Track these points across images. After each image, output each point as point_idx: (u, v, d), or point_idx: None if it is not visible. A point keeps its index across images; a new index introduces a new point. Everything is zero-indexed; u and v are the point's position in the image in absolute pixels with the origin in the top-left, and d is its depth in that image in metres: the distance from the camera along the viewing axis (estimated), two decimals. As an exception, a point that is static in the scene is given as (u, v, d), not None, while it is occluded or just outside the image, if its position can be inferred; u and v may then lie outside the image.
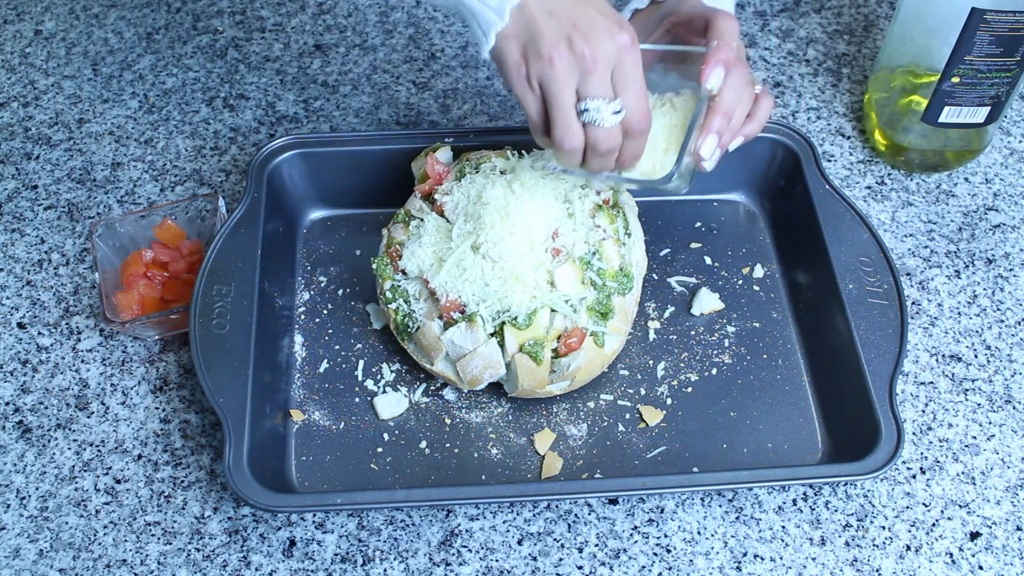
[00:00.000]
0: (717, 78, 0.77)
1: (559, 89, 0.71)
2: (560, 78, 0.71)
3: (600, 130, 0.72)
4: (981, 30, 0.90)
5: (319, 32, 1.21)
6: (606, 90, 0.72)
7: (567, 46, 0.70)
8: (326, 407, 0.88)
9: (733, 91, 0.78)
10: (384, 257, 0.88)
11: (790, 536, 0.82)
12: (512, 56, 0.72)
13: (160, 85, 1.15)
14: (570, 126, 0.73)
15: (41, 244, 1.01)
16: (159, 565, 0.80)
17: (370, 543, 0.81)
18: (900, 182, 1.06)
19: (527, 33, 0.71)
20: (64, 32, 1.21)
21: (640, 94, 0.73)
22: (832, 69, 1.17)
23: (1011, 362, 0.92)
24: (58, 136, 1.10)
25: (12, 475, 0.85)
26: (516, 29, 0.72)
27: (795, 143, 0.98)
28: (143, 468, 0.85)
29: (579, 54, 0.70)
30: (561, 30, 0.71)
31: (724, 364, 0.91)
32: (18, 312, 0.96)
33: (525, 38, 0.72)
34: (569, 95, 0.72)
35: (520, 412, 0.88)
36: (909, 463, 0.86)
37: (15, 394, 0.90)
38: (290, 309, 0.95)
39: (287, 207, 0.99)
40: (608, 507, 0.83)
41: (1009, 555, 0.81)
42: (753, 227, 1.01)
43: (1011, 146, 1.10)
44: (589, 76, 0.71)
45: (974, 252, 1.00)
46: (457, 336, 0.81)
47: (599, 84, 0.71)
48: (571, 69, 0.71)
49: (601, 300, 0.83)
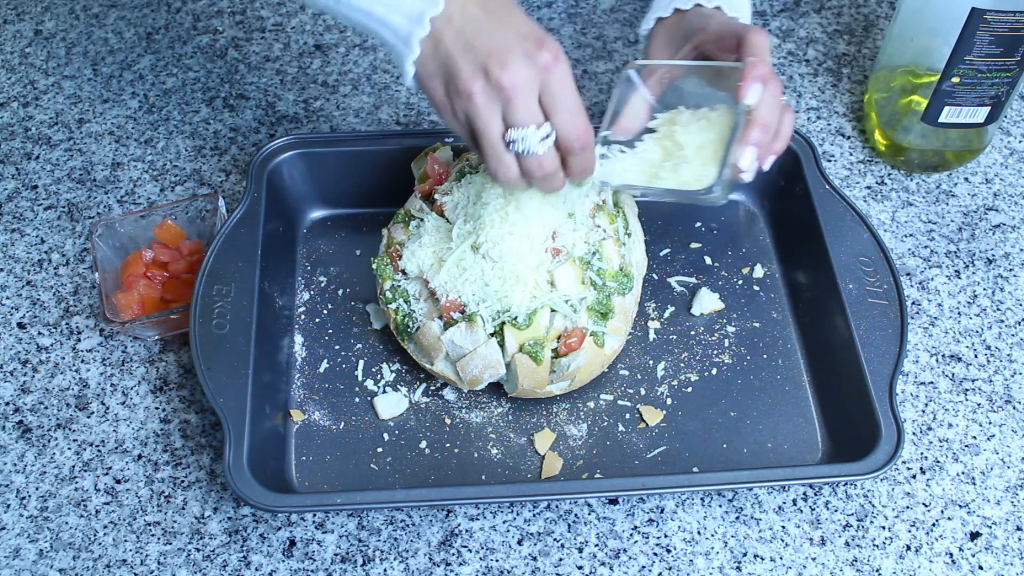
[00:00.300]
0: (755, 94, 0.77)
1: (483, 124, 0.70)
2: (483, 112, 0.70)
3: (532, 158, 0.72)
4: (981, 30, 0.90)
5: (319, 32, 1.21)
6: (532, 116, 0.70)
7: (484, 78, 0.69)
8: (326, 407, 0.88)
9: (768, 105, 0.78)
10: (384, 257, 0.88)
11: (790, 536, 0.82)
12: (436, 95, 0.72)
13: (160, 85, 1.15)
14: (501, 158, 0.72)
15: (41, 244, 1.01)
16: (159, 565, 0.80)
17: (370, 543, 0.81)
18: (900, 182, 1.06)
19: (445, 69, 0.71)
20: (64, 32, 1.21)
21: (572, 112, 0.71)
22: (832, 69, 1.17)
23: (1011, 362, 0.92)
24: (58, 136, 1.10)
25: (12, 475, 0.85)
26: (435, 66, 0.71)
27: (795, 143, 0.98)
28: (143, 468, 0.85)
29: (497, 85, 0.69)
30: (477, 62, 0.69)
31: (724, 364, 0.91)
32: (18, 312, 0.96)
33: (444, 74, 0.71)
34: (495, 127, 0.71)
35: (520, 412, 0.88)
36: (909, 463, 0.86)
37: (15, 394, 0.90)
38: (290, 309, 0.95)
39: (287, 207, 0.99)
40: (608, 507, 0.83)
41: (1009, 555, 0.81)
42: (753, 227, 1.01)
43: (1011, 146, 1.10)
44: (511, 105, 0.69)
45: (974, 252, 1.00)
46: (457, 336, 0.81)
47: (523, 111, 0.70)
48: (491, 102, 0.70)
49: (601, 300, 0.83)
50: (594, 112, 1.12)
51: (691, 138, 0.81)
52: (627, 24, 1.22)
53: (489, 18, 0.70)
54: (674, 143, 0.82)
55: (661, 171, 0.81)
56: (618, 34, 1.20)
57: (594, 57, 1.18)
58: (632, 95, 0.84)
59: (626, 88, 0.85)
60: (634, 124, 0.84)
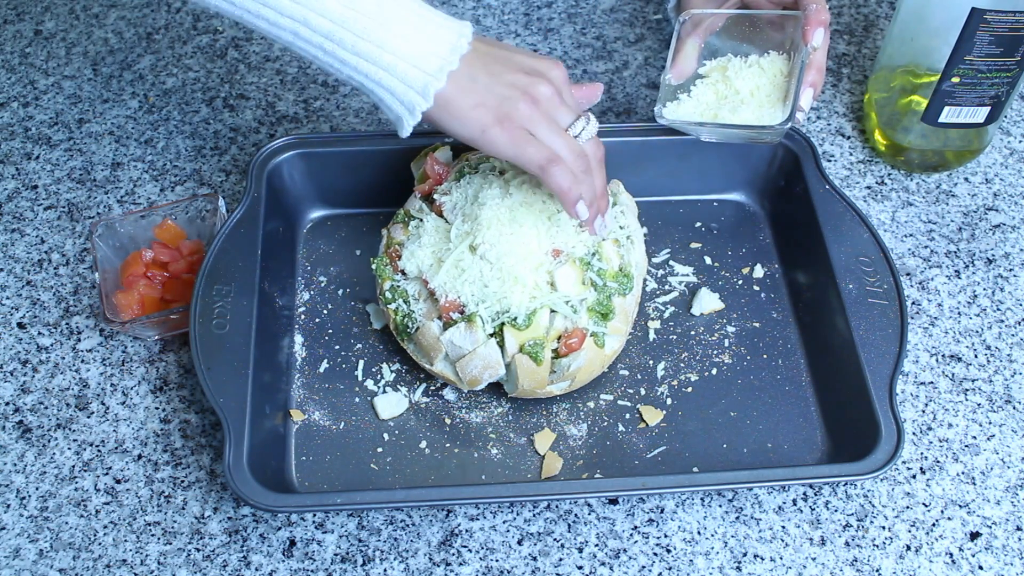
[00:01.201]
0: (820, 36, 0.88)
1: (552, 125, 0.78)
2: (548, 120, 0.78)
3: (590, 144, 0.80)
4: (981, 30, 0.90)
5: (319, 32, 1.21)
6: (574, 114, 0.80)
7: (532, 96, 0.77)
8: (326, 407, 0.88)
9: (824, 50, 0.90)
10: (384, 257, 0.88)
11: (790, 536, 0.82)
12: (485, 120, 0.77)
13: (160, 85, 1.15)
14: (577, 148, 0.79)
15: (41, 244, 1.01)
16: (159, 565, 0.80)
17: (370, 543, 0.81)
18: (900, 182, 1.06)
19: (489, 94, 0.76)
20: (64, 32, 1.21)
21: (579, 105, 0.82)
22: (832, 69, 1.17)
23: (1011, 362, 0.92)
24: (58, 136, 1.10)
25: (12, 475, 0.85)
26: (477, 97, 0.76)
27: (795, 143, 0.98)
28: (143, 468, 0.85)
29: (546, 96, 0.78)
30: (518, 83, 0.77)
31: (724, 364, 0.91)
32: (18, 312, 0.96)
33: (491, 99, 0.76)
34: (558, 125, 0.78)
35: (520, 412, 0.88)
36: (909, 463, 0.86)
37: (15, 394, 0.90)
38: (290, 309, 0.95)
39: (287, 207, 0.99)
40: (608, 507, 0.83)
41: (1009, 555, 0.81)
42: (753, 227, 1.01)
43: (1011, 146, 1.10)
44: (559, 110, 0.79)
45: (974, 252, 1.00)
46: (457, 336, 0.81)
47: (567, 113, 0.79)
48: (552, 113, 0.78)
49: (601, 301, 0.83)
50: (594, 112, 1.12)
51: (745, 82, 0.92)
52: (627, 24, 1.22)
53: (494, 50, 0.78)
54: (729, 87, 0.93)
55: (720, 112, 0.91)
56: (618, 34, 1.20)
57: (594, 57, 1.18)
58: (686, 41, 0.94)
59: (680, 34, 0.95)
60: (689, 66, 0.94)
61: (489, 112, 0.75)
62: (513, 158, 0.77)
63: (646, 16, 1.22)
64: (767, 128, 0.89)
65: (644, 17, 1.22)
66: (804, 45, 0.88)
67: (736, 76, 0.92)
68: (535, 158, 0.76)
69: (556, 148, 0.77)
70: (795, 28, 0.91)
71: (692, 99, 0.93)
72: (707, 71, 0.95)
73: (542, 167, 0.76)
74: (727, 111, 0.91)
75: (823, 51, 0.89)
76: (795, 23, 0.91)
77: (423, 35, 0.73)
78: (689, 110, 0.93)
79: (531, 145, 0.76)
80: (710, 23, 0.95)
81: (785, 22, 0.93)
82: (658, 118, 0.92)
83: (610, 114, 1.12)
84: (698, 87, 0.94)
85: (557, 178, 0.77)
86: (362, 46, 0.72)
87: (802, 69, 0.88)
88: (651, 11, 1.23)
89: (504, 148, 0.77)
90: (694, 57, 0.94)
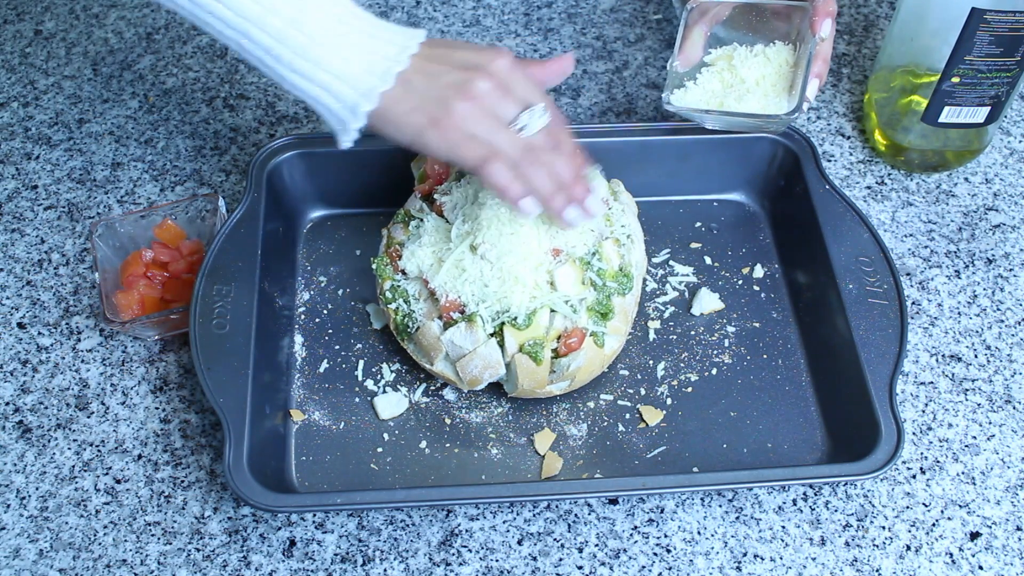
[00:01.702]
0: (827, 27, 0.88)
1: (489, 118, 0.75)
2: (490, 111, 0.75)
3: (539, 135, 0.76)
4: (981, 30, 0.90)
5: (319, 32, 1.21)
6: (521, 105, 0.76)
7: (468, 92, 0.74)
8: (326, 407, 0.88)
9: (830, 41, 0.90)
10: (384, 257, 0.88)
11: (790, 536, 0.82)
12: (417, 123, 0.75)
13: (160, 85, 1.15)
14: (520, 141, 0.75)
15: (41, 244, 1.01)
16: (159, 565, 0.80)
17: (370, 543, 0.81)
18: (900, 182, 1.06)
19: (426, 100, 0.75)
20: (64, 32, 1.21)
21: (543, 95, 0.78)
22: (832, 69, 1.17)
23: (1011, 362, 0.92)
24: (58, 136, 1.10)
25: (12, 475, 0.85)
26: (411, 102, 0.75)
27: (795, 143, 0.98)
28: (143, 468, 0.85)
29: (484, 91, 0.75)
30: (456, 82, 0.75)
31: (724, 364, 0.91)
32: (18, 312, 0.96)
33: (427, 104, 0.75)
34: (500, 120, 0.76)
35: (520, 412, 0.88)
36: (909, 463, 0.86)
37: (15, 394, 0.90)
38: (290, 309, 0.95)
39: (287, 207, 0.99)
40: (608, 507, 0.83)
41: (1009, 555, 0.81)
42: (753, 227, 1.01)
43: (1011, 146, 1.10)
44: (504, 101, 0.75)
45: (974, 252, 1.00)
46: (457, 336, 0.81)
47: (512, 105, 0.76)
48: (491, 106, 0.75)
49: (601, 300, 0.83)
50: (594, 112, 1.12)
51: (751, 71, 0.92)
52: (627, 24, 1.22)
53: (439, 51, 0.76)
54: (734, 76, 0.93)
55: (726, 100, 0.92)
56: (618, 34, 1.20)
57: (594, 57, 1.18)
58: (693, 29, 0.94)
59: (688, 22, 0.95)
60: (695, 54, 0.94)
61: (424, 115, 0.75)
62: (449, 159, 0.77)
63: (646, 16, 1.23)
64: (774, 117, 0.90)
65: (644, 17, 1.22)
66: (812, 36, 0.89)
67: (742, 65, 0.93)
68: (470, 157, 0.76)
69: (495, 144, 0.75)
70: (802, 19, 0.92)
71: (698, 87, 0.94)
72: (713, 59, 0.95)
73: (477, 166, 0.76)
74: (733, 99, 0.92)
75: (830, 42, 0.90)
76: (802, 14, 0.92)
77: (361, 54, 0.74)
78: (695, 98, 0.94)
79: (465, 144, 0.75)
80: (716, 12, 0.95)
81: (792, 12, 0.93)
82: (665, 105, 0.93)
83: (610, 114, 1.12)
84: (704, 75, 0.95)
85: (493, 177, 0.76)
86: (299, 63, 0.74)
87: (809, 59, 0.89)
88: (651, 11, 1.23)
89: (439, 149, 0.76)
90: (700, 45, 0.95)
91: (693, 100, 0.93)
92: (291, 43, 0.73)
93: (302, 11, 0.73)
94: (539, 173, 0.76)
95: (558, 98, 1.13)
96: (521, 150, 0.75)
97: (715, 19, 0.96)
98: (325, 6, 0.74)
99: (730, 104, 0.92)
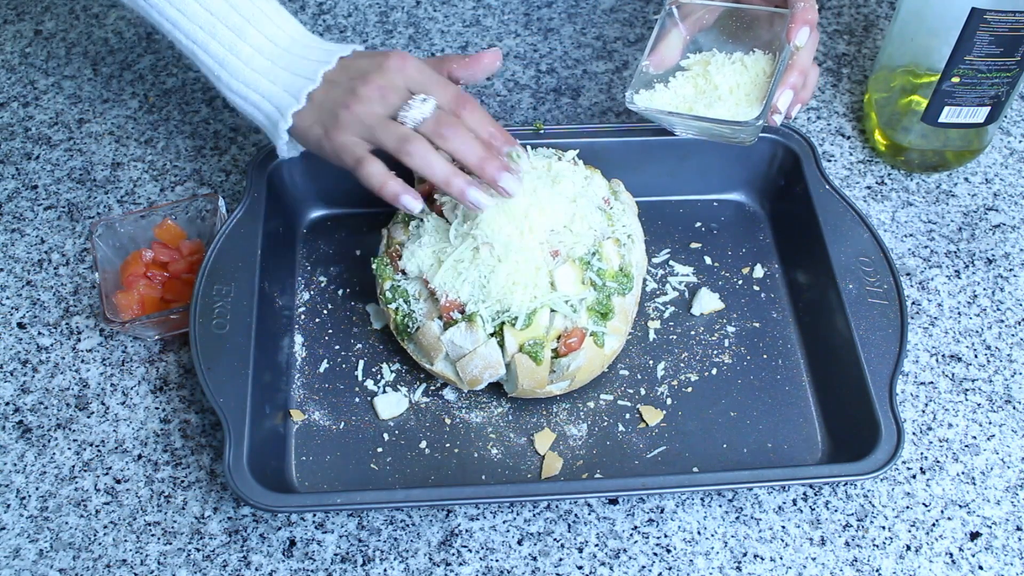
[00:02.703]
0: (803, 36, 0.85)
1: (374, 120, 0.80)
2: (368, 113, 0.80)
3: (429, 121, 0.80)
4: (981, 30, 0.90)
5: (319, 32, 1.21)
6: (406, 95, 0.81)
7: (354, 95, 0.80)
8: (326, 407, 0.88)
9: (809, 52, 0.87)
10: (384, 257, 0.88)
11: (790, 536, 0.82)
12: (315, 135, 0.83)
13: (160, 85, 1.15)
14: (398, 132, 0.79)
15: (41, 244, 1.01)
16: (159, 565, 0.80)
17: (370, 543, 0.81)
18: (900, 182, 1.06)
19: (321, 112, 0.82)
20: (64, 32, 1.21)
21: (442, 83, 0.82)
22: (832, 69, 1.17)
23: (1011, 362, 0.92)
24: (58, 136, 1.10)
25: (12, 475, 0.85)
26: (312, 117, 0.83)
27: (795, 143, 0.98)
28: (143, 468, 0.85)
29: (367, 95, 0.80)
30: (347, 90, 0.81)
31: (724, 364, 0.91)
32: (18, 312, 0.96)
33: (322, 116, 0.82)
34: (383, 117, 0.80)
35: (520, 412, 0.88)
36: (909, 463, 0.86)
37: (15, 394, 0.90)
38: (290, 309, 0.95)
39: (287, 207, 0.99)
40: (608, 507, 0.83)
41: (1009, 555, 0.81)
42: (753, 227, 1.01)
43: (1011, 146, 1.10)
44: (386, 99, 0.80)
45: (974, 252, 1.00)
46: (457, 336, 0.81)
47: (397, 95, 0.80)
48: (371, 104, 0.80)
49: (601, 300, 0.83)
50: (594, 112, 1.12)
51: (725, 79, 0.89)
52: (627, 24, 1.22)
53: (347, 63, 0.83)
54: (708, 82, 0.90)
55: (695, 106, 0.89)
56: (618, 34, 1.20)
57: (594, 57, 1.18)
58: (671, 30, 0.92)
59: (666, 23, 0.93)
60: (670, 56, 0.92)
61: (320, 126, 0.82)
62: (339, 165, 0.83)
63: (646, 16, 1.22)
64: (738, 124, 0.87)
65: (644, 17, 1.22)
66: (787, 44, 0.86)
67: (717, 72, 0.90)
68: (348, 162, 0.81)
69: (376, 139, 0.80)
70: (783, 27, 0.88)
71: (669, 90, 0.91)
72: (690, 64, 0.93)
73: (353, 170, 0.81)
74: (703, 106, 0.89)
75: (808, 52, 0.86)
76: (783, 21, 0.88)
77: (284, 76, 0.83)
78: (664, 100, 0.91)
79: (346, 149, 0.81)
80: (699, 17, 0.93)
81: (774, 20, 0.90)
82: (628, 104, 0.90)
83: (610, 114, 1.12)
84: (677, 79, 0.92)
85: (366, 180, 0.81)
86: (235, 84, 0.85)
87: (780, 69, 0.86)
88: (651, 11, 1.23)
89: (331, 157, 0.83)
90: (678, 48, 0.92)
91: (661, 102, 0.91)
92: (229, 66, 0.84)
93: (240, 36, 0.83)
94: (426, 158, 0.79)
95: (558, 98, 1.13)
96: (399, 139, 0.79)
97: (699, 24, 0.93)
98: (264, 29, 0.84)
99: (699, 110, 0.89)
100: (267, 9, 0.85)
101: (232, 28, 0.83)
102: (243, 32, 0.83)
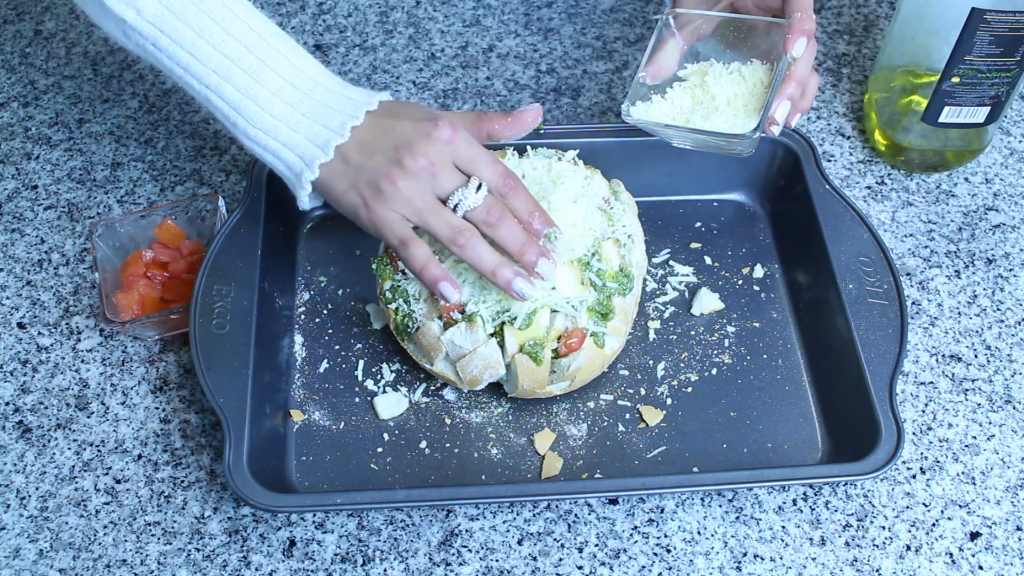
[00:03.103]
0: (800, 47, 0.83)
1: (421, 202, 0.76)
2: (416, 194, 0.76)
3: (479, 210, 0.76)
4: (981, 30, 0.90)
5: (319, 32, 1.21)
6: (459, 179, 0.77)
7: (402, 169, 0.76)
8: (326, 407, 0.88)
9: (806, 62, 0.84)
10: (384, 257, 0.88)
11: (790, 536, 0.82)
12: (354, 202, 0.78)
13: (160, 85, 1.15)
14: (451, 222, 0.76)
15: (41, 244, 1.01)
16: (159, 565, 0.80)
17: (370, 543, 0.81)
18: (900, 182, 1.06)
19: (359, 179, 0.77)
20: (64, 32, 1.21)
21: (490, 163, 0.78)
22: (832, 69, 1.17)
23: (1011, 362, 0.92)
24: (58, 136, 1.10)
25: (12, 475, 0.85)
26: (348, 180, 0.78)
27: (795, 143, 0.98)
28: (143, 468, 0.85)
29: (415, 169, 0.76)
30: (389, 159, 0.76)
31: (724, 364, 0.91)
32: (18, 312, 0.96)
33: (361, 183, 0.77)
34: (432, 200, 0.77)
35: (520, 412, 0.88)
36: (909, 463, 0.86)
37: (15, 394, 0.90)
38: (290, 309, 0.95)
39: (287, 207, 0.98)
40: (608, 507, 0.83)
41: (1009, 555, 0.81)
42: (753, 227, 1.01)
43: (1011, 146, 1.10)
44: (437, 178, 0.76)
45: (974, 252, 1.00)
46: (457, 336, 0.81)
47: (449, 178, 0.76)
48: (418, 182, 0.76)
49: (601, 300, 0.83)
50: (594, 112, 1.12)
51: (723, 89, 0.87)
52: (627, 24, 1.22)
53: (383, 122, 0.78)
54: (705, 93, 0.88)
55: (692, 117, 0.87)
56: (618, 34, 1.20)
57: (594, 57, 1.18)
58: (668, 41, 0.90)
59: (663, 33, 0.91)
60: (667, 67, 0.90)
61: (357, 195, 0.77)
62: (375, 236, 0.79)
63: (646, 16, 1.23)
64: (735, 137, 0.85)
65: (644, 17, 1.22)
66: (784, 55, 0.84)
67: (714, 82, 0.88)
68: (391, 240, 0.78)
69: (426, 225, 0.77)
70: (780, 36, 0.86)
71: (666, 101, 0.89)
72: (687, 74, 0.91)
73: (396, 249, 0.78)
74: (699, 117, 0.87)
75: (805, 63, 0.84)
76: (780, 31, 0.86)
77: (307, 123, 0.78)
78: (661, 112, 0.89)
79: (389, 226, 0.77)
80: (696, 27, 0.90)
81: (772, 30, 0.88)
82: (624, 117, 0.88)
83: (610, 114, 1.12)
84: (674, 90, 0.90)
85: (408, 261, 0.78)
86: (251, 131, 0.80)
87: (778, 81, 0.84)
88: (651, 11, 1.23)
89: (370, 230, 0.79)
90: (675, 59, 0.90)
91: (658, 114, 0.88)
92: (245, 112, 0.79)
93: (257, 79, 0.78)
94: (476, 249, 0.77)
95: (558, 98, 1.13)
96: (452, 230, 0.76)
97: (696, 34, 0.91)
98: (282, 71, 0.79)
99: (696, 122, 0.86)
100: (284, 49, 0.80)
101: (247, 71, 0.78)
102: (259, 74, 0.78)
